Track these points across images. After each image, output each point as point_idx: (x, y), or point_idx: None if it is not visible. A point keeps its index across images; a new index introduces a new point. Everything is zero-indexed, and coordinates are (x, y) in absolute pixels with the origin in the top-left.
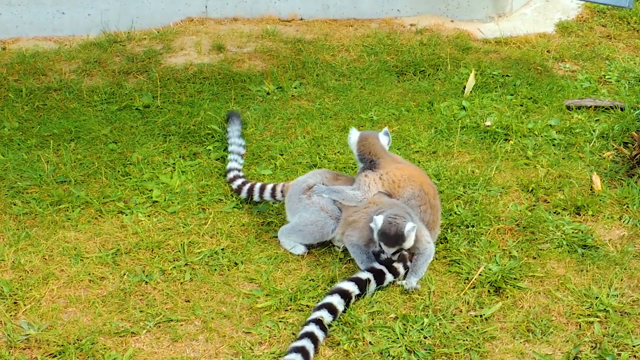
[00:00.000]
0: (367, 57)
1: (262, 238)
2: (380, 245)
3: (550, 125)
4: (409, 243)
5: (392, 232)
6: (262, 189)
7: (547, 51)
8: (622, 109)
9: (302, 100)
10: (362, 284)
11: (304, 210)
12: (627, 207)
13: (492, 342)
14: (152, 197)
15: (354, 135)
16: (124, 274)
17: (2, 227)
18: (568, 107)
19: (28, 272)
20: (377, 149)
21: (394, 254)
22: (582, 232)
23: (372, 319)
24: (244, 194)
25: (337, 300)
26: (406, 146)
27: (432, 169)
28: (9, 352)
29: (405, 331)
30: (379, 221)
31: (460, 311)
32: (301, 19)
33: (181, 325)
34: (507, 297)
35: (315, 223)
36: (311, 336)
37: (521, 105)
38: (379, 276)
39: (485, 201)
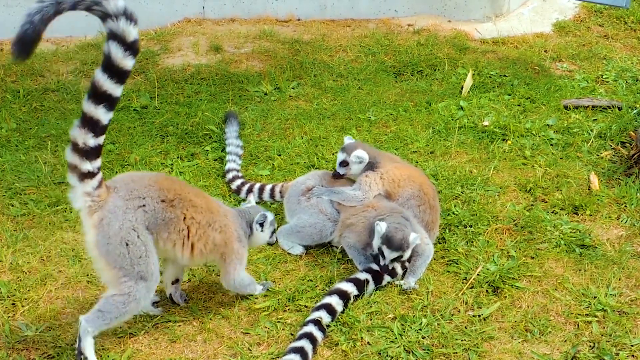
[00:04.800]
0: (365, 58)
1: None
2: (381, 250)
3: (548, 125)
4: (408, 253)
5: (397, 237)
6: (262, 189)
7: (545, 51)
8: (619, 109)
9: (300, 100)
10: (360, 285)
11: (303, 212)
12: (625, 206)
13: (491, 342)
14: None
15: (364, 153)
16: None
17: (0, 228)
18: (566, 107)
19: (26, 273)
20: (374, 150)
21: (392, 260)
22: (580, 231)
23: (371, 319)
24: (243, 194)
25: (335, 301)
26: (404, 146)
27: (430, 169)
28: (7, 354)
29: (404, 331)
30: (383, 226)
31: (459, 311)
32: (298, 20)
33: (179, 326)
34: (505, 297)
35: (314, 225)
36: (310, 337)
37: (519, 105)
38: (377, 276)
39: (483, 201)
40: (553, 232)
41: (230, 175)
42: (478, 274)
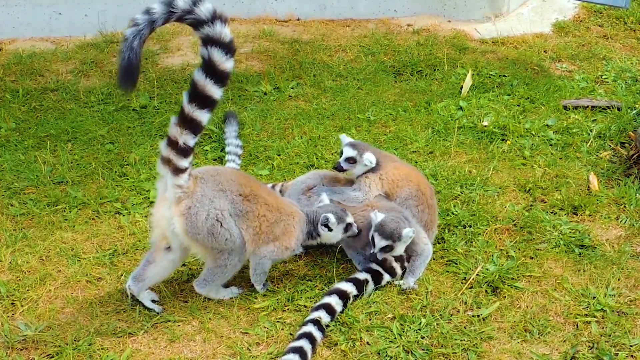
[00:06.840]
0: (364, 58)
1: None
2: (372, 239)
3: (548, 125)
4: (399, 249)
5: (390, 226)
6: None
7: (544, 51)
8: (619, 109)
9: (299, 100)
10: (360, 285)
11: None
12: (624, 206)
13: (490, 342)
14: (149, 198)
15: (372, 156)
16: (121, 275)
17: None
18: (565, 107)
19: (25, 272)
20: (377, 151)
21: (381, 250)
22: (579, 232)
23: (370, 319)
24: None
25: (335, 301)
26: (403, 146)
27: (430, 169)
28: (7, 353)
29: (403, 331)
30: (379, 215)
31: (458, 311)
32: (298, 19)
33: (179, 325)
34: (505, 297)
35: None
36: (309, 336)
37: (518, 106)
38: (377, 276)
39: (482, 201)
40: (552, 233)
41: None
42: (477, 274)
